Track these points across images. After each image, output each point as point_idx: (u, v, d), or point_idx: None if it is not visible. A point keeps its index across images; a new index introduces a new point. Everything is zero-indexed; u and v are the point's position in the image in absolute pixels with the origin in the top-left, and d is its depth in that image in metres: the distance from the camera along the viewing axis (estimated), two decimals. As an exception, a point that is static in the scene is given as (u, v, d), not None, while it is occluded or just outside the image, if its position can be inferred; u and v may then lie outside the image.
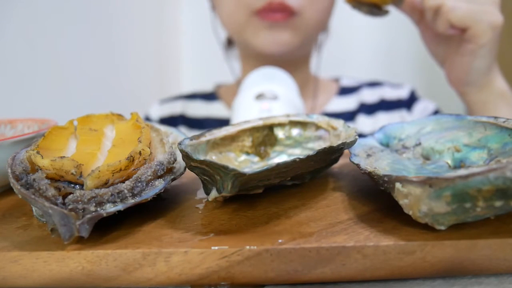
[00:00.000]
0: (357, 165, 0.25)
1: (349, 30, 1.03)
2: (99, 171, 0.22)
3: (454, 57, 0.46)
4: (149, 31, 1.06)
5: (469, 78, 0.46)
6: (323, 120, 0.32)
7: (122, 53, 0.94)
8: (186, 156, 0.23)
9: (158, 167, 0.25)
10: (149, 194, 0.23)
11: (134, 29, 0.99)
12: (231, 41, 0.75)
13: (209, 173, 0.23)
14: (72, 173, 0.23)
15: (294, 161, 0.23)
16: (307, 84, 0.69)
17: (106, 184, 0.23)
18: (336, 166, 0.34)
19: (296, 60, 0.65)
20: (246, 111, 0.41)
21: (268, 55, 0.60)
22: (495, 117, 0.27)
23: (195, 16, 1.11)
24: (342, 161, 0.35)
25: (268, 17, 0.56)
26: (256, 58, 0.63)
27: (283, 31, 0.58)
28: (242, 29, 0.60)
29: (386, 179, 0.22)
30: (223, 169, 0.22)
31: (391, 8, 0.47)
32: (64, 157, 0.23)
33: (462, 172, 0.19)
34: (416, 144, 0.29)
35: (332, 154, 0.27)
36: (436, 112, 0.67)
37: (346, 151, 0.37)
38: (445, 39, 0.47)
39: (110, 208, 0.22)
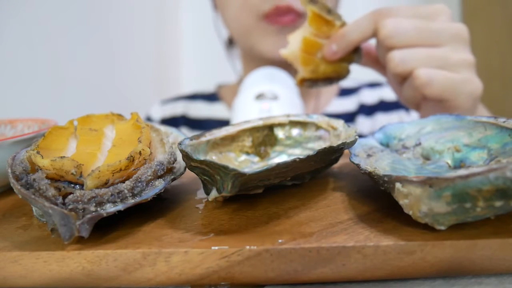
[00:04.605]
0: (357, 165, 0.25)
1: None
2: (99, 171, 0.22)
3: (430, 112, 0.39)
4: (149, 31, 1.06)
5: None
6: (323, 120, 0.32)
7: (122, 53, 0.94)
8: (186, 156, 0.23)
9: (158, 167, 0.25)
10: (149, 194, 0.23)
11: (134, 29, 0.99)
12: (233, 40, 0.75)
13: (209, 173, 0.23)
14: (72, 173, 0.23)
15: (294, 161, 0.23)
16: None
17: (106, 184, 0.23)
18: (336, 166, 0.34)
19: None
20: (246, 111, 0.41)
21: (275, 60, 0.59)
22: (495, 117, 0.27)
23: (195, 16, 1.11)
24: (342, 161, 0.35)
25: (277, 21, 0.56)
26: (259, 59, 0.63)
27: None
28: (248, 33, 0.59)
29: (386, 179, 0.22)
30: (223, 169, 0.22)
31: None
32: (64, 157, 0.23)
33: (462, 172, 0.19)
34: (416, 144, 0.29)
35: (332, 154, 0.27)
36: None
37: (346, 151, 0.37)
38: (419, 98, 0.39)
39: (110, 208, 0.22)
